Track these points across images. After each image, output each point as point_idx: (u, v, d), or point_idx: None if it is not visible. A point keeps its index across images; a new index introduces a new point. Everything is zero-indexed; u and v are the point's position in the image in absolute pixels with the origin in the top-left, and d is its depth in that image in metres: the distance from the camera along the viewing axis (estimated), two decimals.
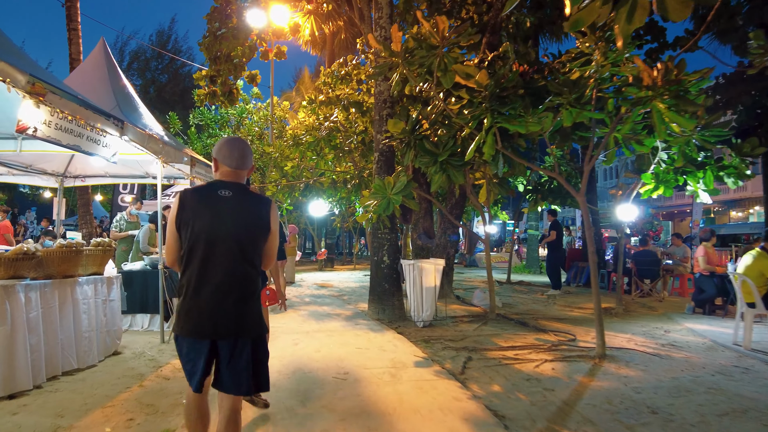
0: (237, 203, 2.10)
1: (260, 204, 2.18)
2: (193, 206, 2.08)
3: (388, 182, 6.16)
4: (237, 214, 2.09)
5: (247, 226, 2.11)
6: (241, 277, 2.08)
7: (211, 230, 2.04)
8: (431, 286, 6.68)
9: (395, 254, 7.32)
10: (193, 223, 2.04)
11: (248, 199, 2.16)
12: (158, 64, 40.58)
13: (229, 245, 2.05)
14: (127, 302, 6.17)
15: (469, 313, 7.89)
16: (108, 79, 6.63)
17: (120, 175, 8.58)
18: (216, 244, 2.04)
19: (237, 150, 2.18)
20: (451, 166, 5.78)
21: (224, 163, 2.17)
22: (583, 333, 6.27)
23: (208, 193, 2.12)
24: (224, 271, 2.04)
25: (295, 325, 6.68)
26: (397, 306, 7.21)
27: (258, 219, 2.15)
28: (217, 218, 2.06)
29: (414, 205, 6.36)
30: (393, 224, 7.32)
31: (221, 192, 2.10)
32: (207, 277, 2.03)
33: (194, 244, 2.04)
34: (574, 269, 12.56)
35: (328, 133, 10.89)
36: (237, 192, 2.13)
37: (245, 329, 2.05)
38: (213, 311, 2.01)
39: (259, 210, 2.16)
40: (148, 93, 40.31)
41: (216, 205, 2.08)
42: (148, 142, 5.06)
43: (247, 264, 2.10)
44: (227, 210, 2.08)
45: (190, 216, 2.06)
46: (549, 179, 8.15)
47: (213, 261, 2.04)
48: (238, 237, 2.07)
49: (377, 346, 5.33)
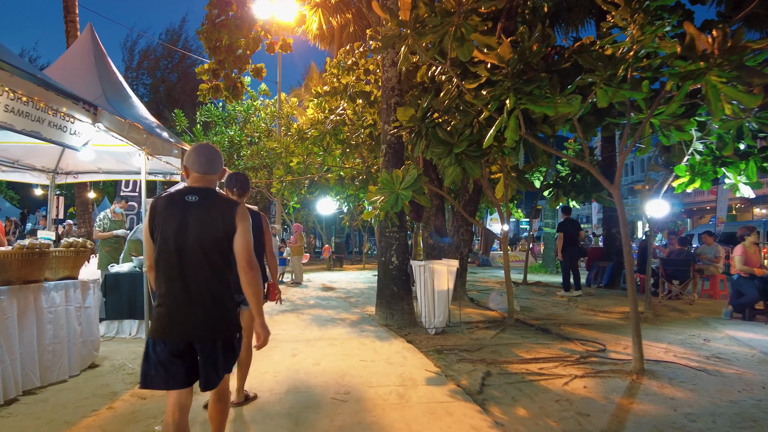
0: (202, 208, 2.15)
1: (225, 206, 2.19)
2: (163, 212, 2.14)
3: (396, 176, 5.60)
4: (202, 219, 2.13)
5: (211, 230, 2.14)
6: (208, 280, 2.13)
7: (178, 235, 2.11)
8: (444, 289, 6.10)
9: (404, 254, 6.76)
10: (162, 229, 2.12)
11: (214, 203, 2.18)
12: (168, 63, 40.50)
13: (195, 249, 2.11)
14: (114, 307, 5.71)
15: (485, 317, 7.29)
16: (95, 66, 6.14)
17: (113, 171, 8.11)
18: (183, 249, 2.11)
19: (203, 156, 2.24)
20: (467, 158, 5.20)
21: (193, 169, 2.23)
22: (612, 342, 5.64)
23: (176, 200, 2.16)
24: (191, 275, 2.11)
25: (296, 331, 6.15)
26: (407, 311, 6.64)
27: (222, 221, 2.15)
28: (183, 223, 2.11)
29: (425, 201, 5.79)
30: (402, 222, 6.76)
31: (188, 197, 2.15)
32: (175, 281, 2.10)
33: (163, 249, 2.12)
34: (594, 269, 11.88)
35: (333, 127, 10.37)
36: (203, 197, 2.17)
37: (213, 331, 2.12)
38: (185, 314, 2.09)
39: (223, 212, 2.17)
40: (158, 92, 40.26)
41: (182, 211, 2.13)
42: (129, 131, 4.56)
43: (212, 267, 2.15)
44: (192, 215, 2.13)
45: (160, 222, 2.13)
46: (571, 173, 7.52)
47: (180, 265, 2.10)
48: (202, 241, 2.12)
49: (384, 358, 4.78)
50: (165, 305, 2.10)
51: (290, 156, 12.62)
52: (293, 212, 18.99)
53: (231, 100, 10.71)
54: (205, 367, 2.11)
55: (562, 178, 7.68)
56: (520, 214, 13.28)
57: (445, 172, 5.43)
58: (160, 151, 5.25)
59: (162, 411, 3.28)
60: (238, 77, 10.29)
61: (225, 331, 2.16)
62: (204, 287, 2.12)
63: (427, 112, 5.50)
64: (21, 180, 8.30)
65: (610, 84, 3.94)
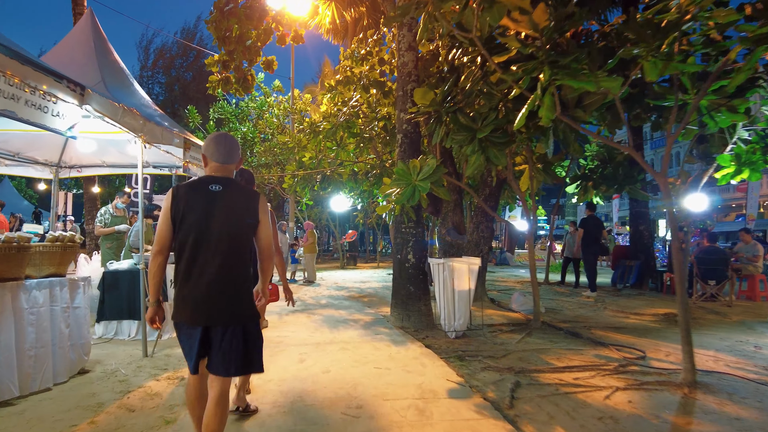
0: (227, 197, 2.21)
1: (248, 197, 2.28)
2: (186, 200, 2.17)
3: (413, 166, 5.15)
4: (227, 208, 2.19)
5: (236, 219, 2.21)
6: (230, 267, 2.19)
7: (203, 223, 2.16)
8: (465, 289, 5.64)
9: (421, 252, 6.30)
10: (184, 217, 2.16)
11: (237, 193, 2.26)
12: (183, 61, 40.68)
13: (219, 237, 2.17)
14: (113, 307, 5.37)
15: (508, 320, 6.80)
16: (94, 53, 5.80)
17: (118, 164, 7.80)
18: (207, 237, 2.16)
19: (223, 146, 2.29)
20: (491, 145, 4.73)
21: (212, 159, 2.29)
22: (651, 348, 5.12)
23: (199, 188, 2.21)
24: (214, 262, 2.15)
25: (305, 333, 5.74)
26: (424, 312, 6.19)
27: (246, 211, 2.24)
28: (208, 212, 2.17)
29: (444, 193, 5.33)
30: (419, 217, 6.30)
31: (212, 187, 2.20)
32: (198, 268, 2.15)
33: (187, 236, 2.16)
34: (621, 268, 11.28)
35: (346, 120, 9.95)
36: (226, 186, 2.23)
37: (234, 317, 2.18)
38: (204, 300, 2.14)
39: (247, 203, 2.25)
40: (173, 90, 40.47)
41: (207, 200, 2.18)
42: (123, 116, 4.19)
43: (235, 255, 2.21)
44: (217, 204, 2.18)
45: (183, 210, 2.16)
46: (600, 164, 6.97)
47: (204, 252, 2.16)
48: (227, 229, 2.19)
49: (400, 365, 4.33)
50: (187, 290, 2.15)
51: (302, 151, 12.26)
52: (306, 209, 18.64)
53: (241, 93, 10.35)
54: (220, 353, 2.16)
55: (590, 170, 7.13)
56: (541, 211, 12.68)
57: (467, 162, 4.96)
58: (159, 140, 4.88)
59: (150, 425, 2.91)
60: (249, 69, 9.94)
61: (242, 318, 2.21)
62: (226, 274, 2.17)
63: (448, 95, 5.04)
64: (24, 174, 8.03)
65: (657, 56, 3.43)
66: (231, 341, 2.15)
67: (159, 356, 4.63)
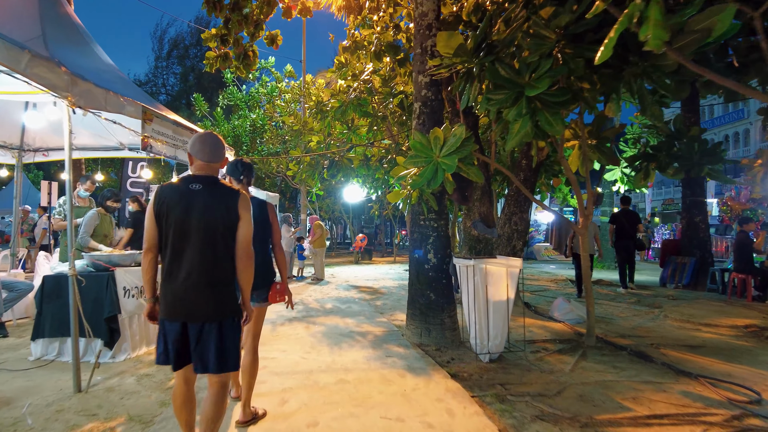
0: (206, 195, 2.24)
1: (228, 195, 2.29)
2: (168, 199, 2.22)
3: (435, 138, 3.88)
4: (206, 206, 2.22)
5: (214, 217, 2.22)
6: (209, 264, 2.20)
7: (183, 222, 2.20)
8: (502, 299, 4.37)
9: (445, 250, 5.04)
10: (167, 216, 2.21)
11: (217, 191, 2.28)
12: (197, 51, 40.09)
13: (199, 235, 2.20)
14: (54, 321, 4.25)
15: (551, 333, 5.50)
16: (37, 3, 4.66)
17: (89, 147, 6.72)
18: (187, 234, 2.20)
19: (208, 145, 2.34)
20: (544, 106, 3.43)
21: (197, 157, 2.34)
22: (759, 381, 3.79)
23: (181, 188, 2.25)
24: (193, 259, 2.18)
25: (297, 354, 4.54)
26: (448, 325, 4.94)
27: (225, 209, 2.24)
28: (187, 210, 2.20)
29: (476, 174, 4.06)
30: (441, 206, 5.03)
31: (192, 186, 2.25)
32: (178, 265, 2.19)
33: (169, 234, 2.21)
34: (671, 266, 9.82)
35: (357, 96, 8.69)
36: (207, 185, 2.27)
37: (212, 313, 2.19)
38: (183, 296, 2.17)
39: (227, 201, 2.26)
40: (187, 81, 39.90)
41: (187, 198, 2.22)
42: (32, 66, 3.02)
43: (215, 252, 2.22)
44: (197, 202, 2.22)
45: (165, 209, 2.21)
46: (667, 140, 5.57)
47: (185, 250, 2.20)
48: (206, 227, 2.21)
49: (418, 413, 3.10)
50: (169, 286, 2.19)
51: (309, 134, 11.05)
52: (316, 200, 17.48)
53: (243, 72, 9.15)
54: (198, 349, 2.19)
55: (654, 148, 5.75)
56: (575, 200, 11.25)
57: (510, 130, 3.66)
58: (100, 105, 3.70)
59: None
60: (250, 44, 8.75)
61: (220, 315, 2.21)
62: (204, 271, 2.18)
63: (482, 42, 3.73)
64: None
65: None
66: (208, 338, 2.18)
67: (96, 392, 3.48)
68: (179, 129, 4.96)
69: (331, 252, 23.31)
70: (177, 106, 33.45)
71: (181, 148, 5.02)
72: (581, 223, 4.99)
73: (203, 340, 2.17)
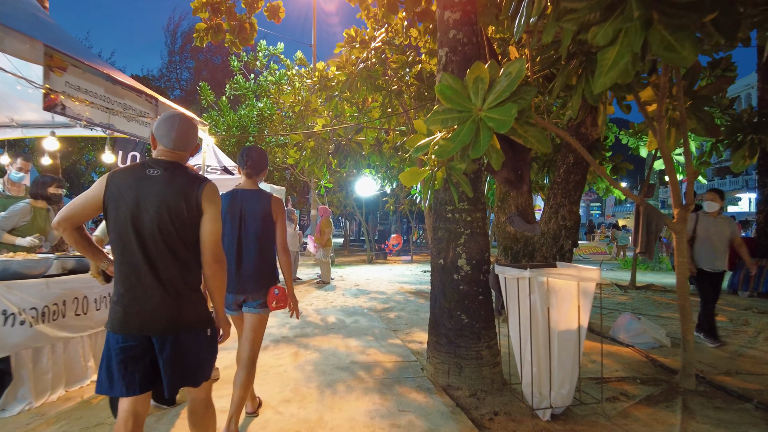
0: (164, 183, 1.84)
1: (191, 183, 1.88)
2: (119, 185, 1.82)
3: (477, 78, 2.46)
4: (161, 197, 1.82)
5: (170, 209, 1.82)
6: (167, 267, 1.82)
7: (134, 214, 1.80)
8: (572, 329, 2.93)
9: (482, 254, 3.61)
10: (117, 205, 1.81)
11: (178, 177, 1.87)
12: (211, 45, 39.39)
13: (152, 230, 1.81)
14: None
15: (624, 365, 4.04)
16: None
17: (33, 124, 5.46)
18: (139, 229, 1.81)
19: (176, 130, 1.93)
20: (664, 20, 2.00)
21: (161, 143, 1.94)
22: None
23: (136, 172, 1.85)
24: (147, 260, 1.80)
25: (271, 404, 3.17)
26: (487, 360, 3.51)
27: (185, 200, 1.84)
28: (140, 200, 1.81)
29: (540, 137, 2.62)
30: (477, 191, 3.61)
31: (149, 171, 1.86)
32: (131, 267, 1.81)
33: (118, 229, 1.81)
34: (744, 269, 8.21)
35: (365, 67, 7.29)
36: (167, 170, 1.88)
37: (171, 325, 1.81)
38: (135, 304, 1.79)
39: (188, 189, 1.86)
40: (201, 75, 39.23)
41: (140, 186, 1.83)
42: None
43: (172, 252, 1.83)
44: (152, 191, 1.82)
45: (115, 196, 1.81)
46: None
47: (137, 248, 1.80)
48: (160, 221, 1.81)
49: None
50: (119, 294, 1.81)
51: (313, 116, 9.69)
52: (325, 194, 16.13)
53: (238, 47, 7.85)
54: (166, 369, 1.80)
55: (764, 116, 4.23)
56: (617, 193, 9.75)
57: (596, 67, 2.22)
58: None
59: None
60: (248, 17, 7.47)
61: (188, 325, 1.84)
62: (163, 275, 1.81)
63: None
64: None
65: None
66: (169, 354, 1.79)
67: None
68: (118, 89, 3.61)
69: (343, 250, 21.98)
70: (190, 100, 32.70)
71: (120, 115, 3.68)
72: (677, 216, 3.50)
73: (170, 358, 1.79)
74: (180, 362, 1.81)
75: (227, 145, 16.69)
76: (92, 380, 3.50)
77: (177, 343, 1.81)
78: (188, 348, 1.83)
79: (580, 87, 3.17)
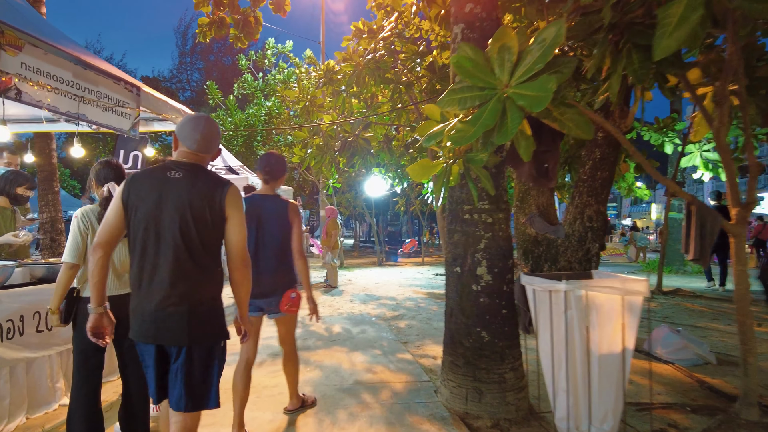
0: (186, 185, 1.78)
1: (214, 186, 1.82)
2: (139, 189, 1.78)
3: (502, 47, 1.98)
4: (183, 199, 1.76)
5: (193, 213, 1.76)
6: (187, 273, 1.75)
7: (154, 217, 1.75)
8: (615, 351, 2.44)
9: (505, 260, 3.12)
10: (136, 209, 1.77)
11: (201, 180, 1.81)
12: (221, 45, 39.40)
13: (173, 235, 1.75)
14: None
15: (668, 387, 3.53)
16: None
17: (20, 119, 5.10)
18: (159, 234, 1.75)
19: (200, 132, 1.87)
20: None
21: (184, 143, 1.89)
22: None
23: (156, 175, 1.81)
24: (167, 266, 1.74)
25: (265, 429, 2.74)
26: (512, 384, 3.02)
27: (208, 204, 1.78)
28: (161, 203, 1.76)
29: (579, 121, 2.14)
30: (499, 189, 3.13)
31: (170, 173, 1.80)
32: (149, 273, 1.75)
33: (138, 232, 1.76)
34: None
35: (373, 59, 6.85)
36: (189, 172, 1.82)
37: (187, 335, 1.73)
38: (152, 312, 1.73)
39: (212, 193, 1.79)
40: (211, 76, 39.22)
41: (162, 189, 1.77)
42: None
43: (193, 257, 1.76)
44: (174, 194, 1.76)
45: (135, 200, 1.77)
46: None
47: (156, 253, 1.75)
48: (182, 225, 1.75)
49: None
50: (137, 300, 1.77)
51: (319, 111, 9.27)
52: (334, 194, 15.72)
53: (243, 42, 7.42)
54: (176, 379, 1.76)
55: None
56: (645, 190, 9.15)
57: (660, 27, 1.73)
58: None
59: None
60: (253, 10, 7.07)
61: (203, 337, 1.78)
62: (179, 282, 1.73)
63: None
64: None
65: None
66: (183, 366, 1.74)
67: None
68: (89, 74, 3.20)
69: (353, 252, 21.55)
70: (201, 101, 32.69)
71: (94, 104, 3.27)
72: (735, 217, 2.98)
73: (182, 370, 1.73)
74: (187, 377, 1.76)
75: (234, 145, 16.39)
76: (61, 404, 3.09)
77: (189, 357, 1.76)
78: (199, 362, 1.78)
79: (619, 65, 2.67)
